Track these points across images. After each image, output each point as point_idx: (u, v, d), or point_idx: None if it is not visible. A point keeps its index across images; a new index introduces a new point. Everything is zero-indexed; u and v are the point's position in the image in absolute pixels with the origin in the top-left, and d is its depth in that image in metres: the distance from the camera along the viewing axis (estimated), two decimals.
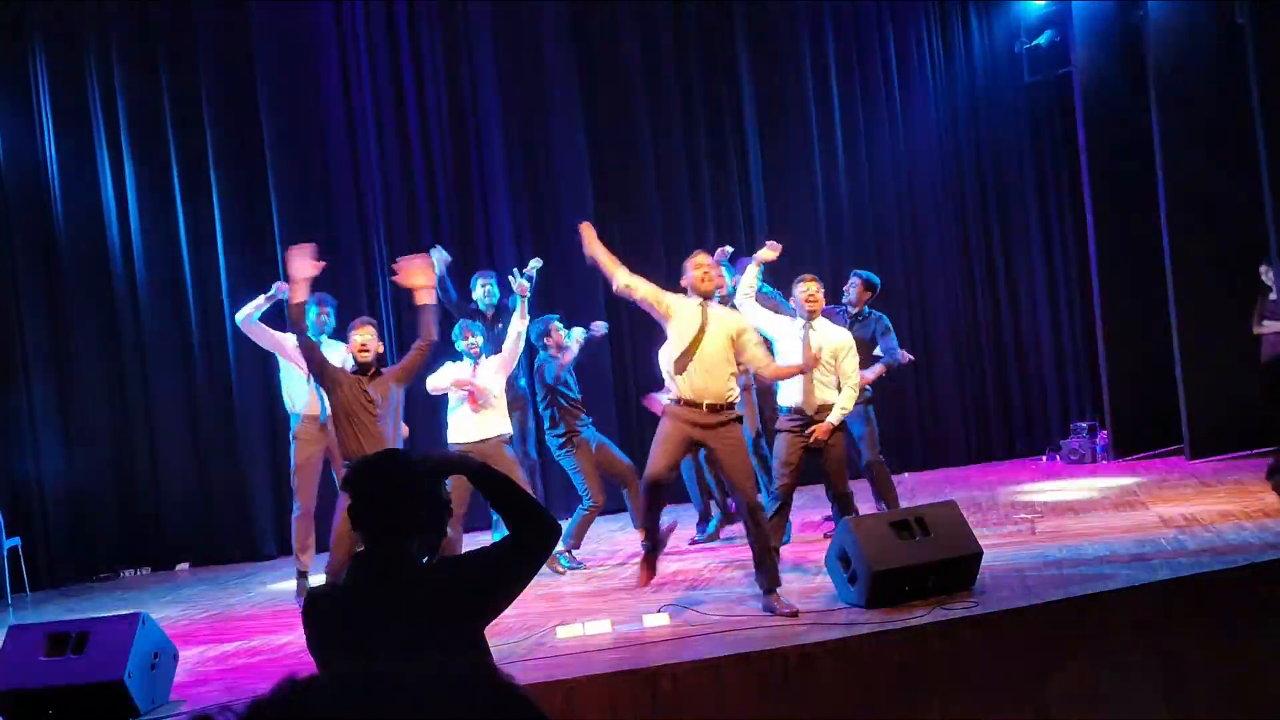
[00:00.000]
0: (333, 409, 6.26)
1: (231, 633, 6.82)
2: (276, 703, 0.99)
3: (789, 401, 6.52)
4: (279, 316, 7.52)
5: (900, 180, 11.33)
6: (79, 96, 10.08)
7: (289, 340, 7.05)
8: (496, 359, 7.25)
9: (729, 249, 7.67)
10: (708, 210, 10.88)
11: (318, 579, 7.03)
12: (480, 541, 3.43)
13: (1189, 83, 9.24)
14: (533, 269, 7.78)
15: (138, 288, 10.04)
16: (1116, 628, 4.97)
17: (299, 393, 7.53)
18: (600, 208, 10.51)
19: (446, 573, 2.78)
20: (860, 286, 7.90)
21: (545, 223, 10.58)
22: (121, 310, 10.05)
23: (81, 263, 10.04)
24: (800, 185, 11.13)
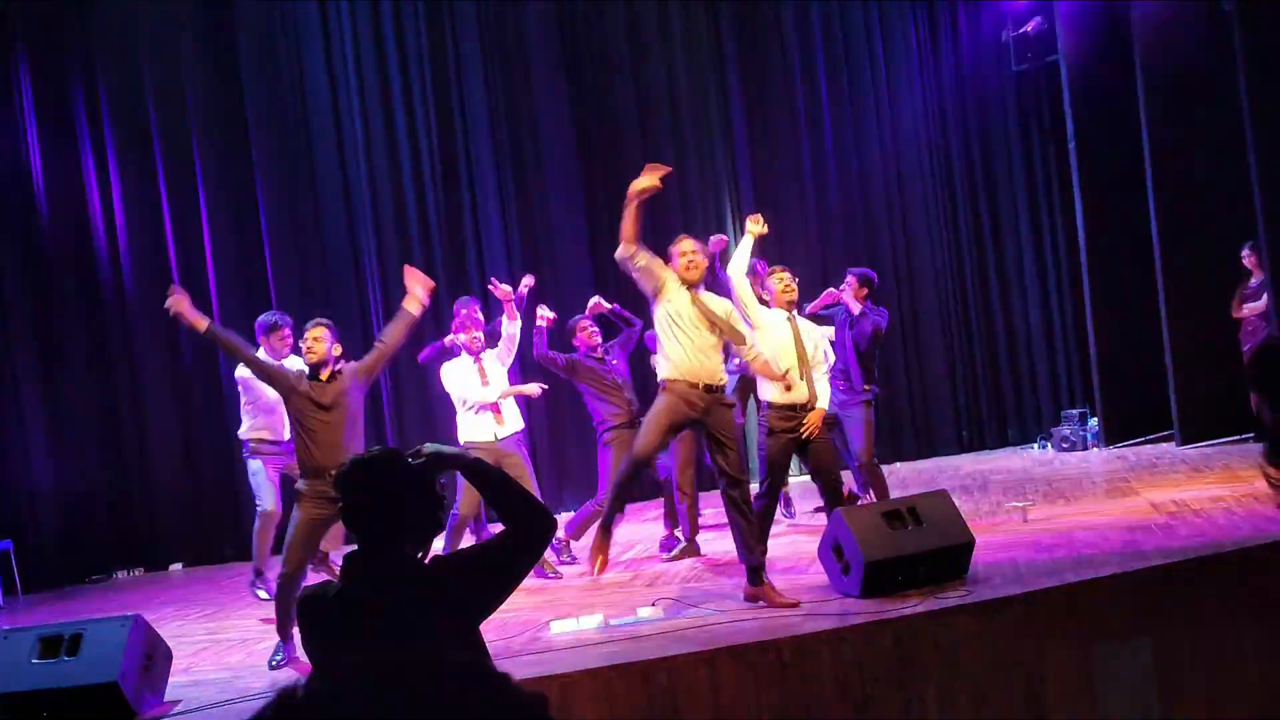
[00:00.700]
0: (289, 417, 6.07)
1: (226, 633, 6.81)
2: (278, 713, 0.99)
3: (779, 399, 6.17)
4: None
5: (889, 169, 11.33)
6: (62, 98, 10.03)
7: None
8: (493, 352, 7.25)
9: (725, 238, 7.44)
10: (695, 203, 10.86)
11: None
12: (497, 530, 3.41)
13: (1176, 69, 9.25)
14: (524, 288, 7.72)
15: (125, 290, 10.01)
16: (1109, 614, 4.99)
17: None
18: (590, 201, 10.51)
19: (441, 570, 2.76)
20: (856, 284, 7.73)
21: (536, 222, 10.60)
22: (110, 312, 10.02)
23: (68, 266, 10.00)
24: (788, 174, 11.13)
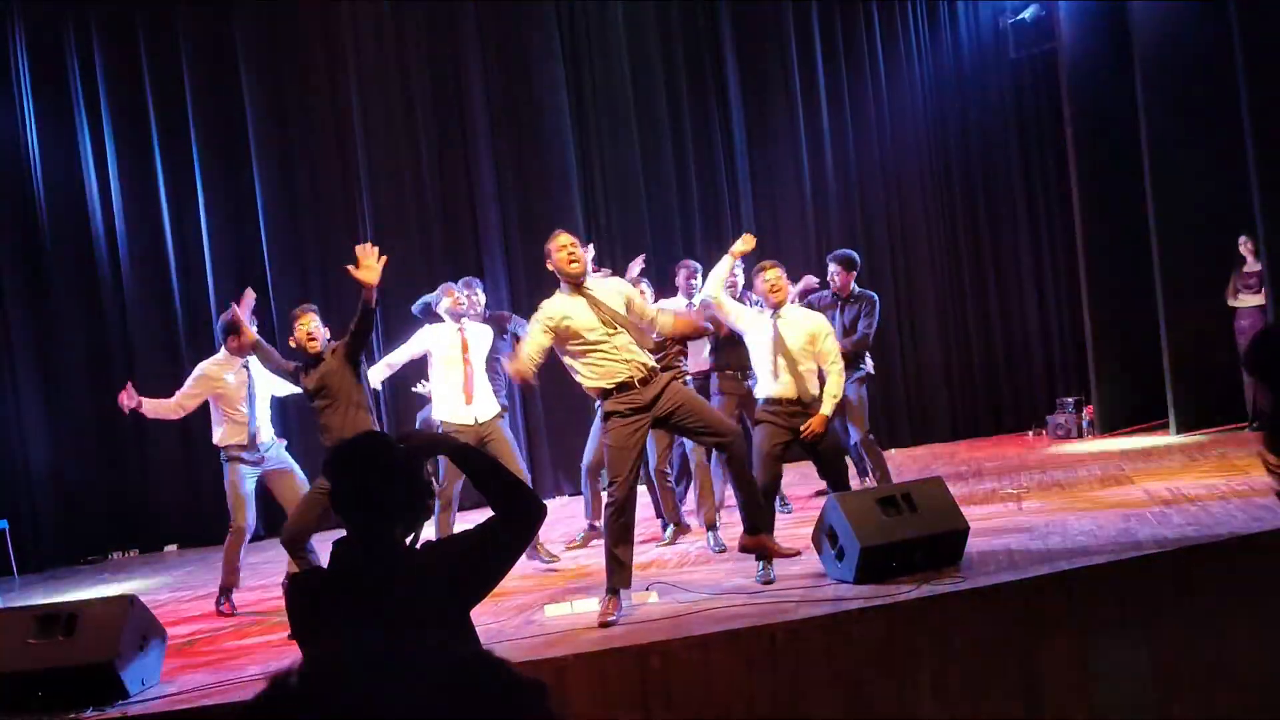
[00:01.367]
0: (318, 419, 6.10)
1: (220, 614, 6.81)
2: (268, 703, 0.98)
3: (773, 393, 6.05)
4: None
5: (886, 156, 11.33)
6: (60, 82, 10.00)
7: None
8: (483, 327, 6.99)
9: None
10: (694, 195, 10.85)
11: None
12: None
13: (1173, 58, 9.24)
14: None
15: (122, 272, 10.00)
16: (1103, 602, 5.00)
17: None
18: (588, 200, 10.50)
19: (430, 555, 2.74)
20: (841, 270, 7.68)
21: (536, 222, 10.58)
22: (106, 293, 10.01)
23: (65, 247, 10.00)
24: (785, 163, 11.12)
